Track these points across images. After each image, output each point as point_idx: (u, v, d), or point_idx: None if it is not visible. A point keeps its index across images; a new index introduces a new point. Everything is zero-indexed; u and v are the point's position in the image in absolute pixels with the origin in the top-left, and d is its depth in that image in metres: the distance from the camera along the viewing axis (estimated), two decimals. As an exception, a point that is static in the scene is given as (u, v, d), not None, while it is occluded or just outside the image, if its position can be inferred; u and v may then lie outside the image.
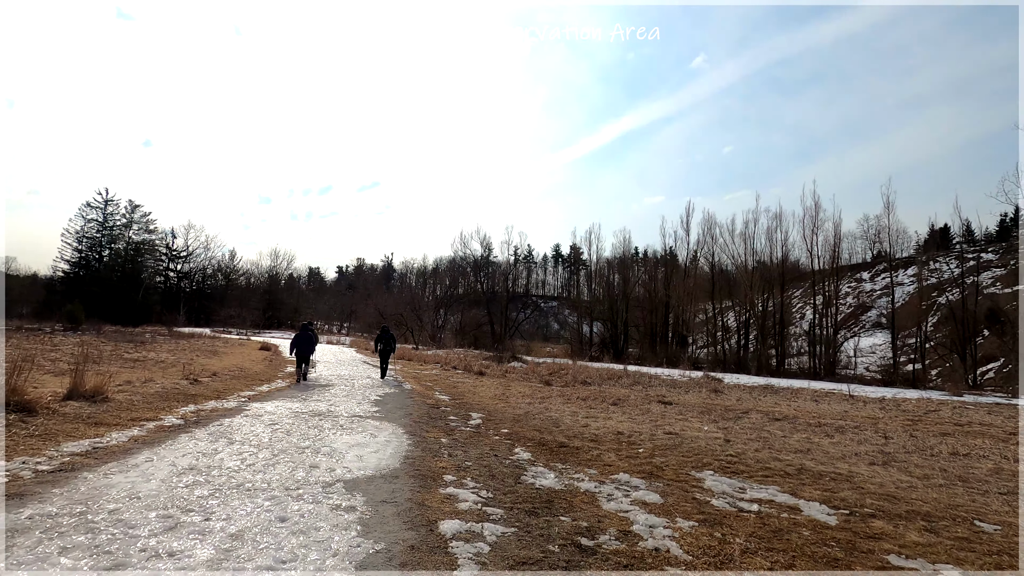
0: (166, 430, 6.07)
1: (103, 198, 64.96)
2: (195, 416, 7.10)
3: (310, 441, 5.95)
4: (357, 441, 6.11)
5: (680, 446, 7.27)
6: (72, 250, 63.13)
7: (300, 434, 6.31)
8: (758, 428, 9.64)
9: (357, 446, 5.85)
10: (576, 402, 12.25)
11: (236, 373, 13.56)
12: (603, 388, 16.97)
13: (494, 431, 7.65)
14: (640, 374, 22.54)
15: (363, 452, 5.57)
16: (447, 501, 4.05)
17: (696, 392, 17.22)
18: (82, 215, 64.10)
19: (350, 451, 5.57)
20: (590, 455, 6.34)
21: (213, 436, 5.87)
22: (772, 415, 11.68)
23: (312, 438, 6.13)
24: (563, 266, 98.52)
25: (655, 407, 12.18)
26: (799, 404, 15.03)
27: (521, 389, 14.61)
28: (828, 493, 5.10)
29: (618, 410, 11.13)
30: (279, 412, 7.89)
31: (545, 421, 8.85)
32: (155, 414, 6.90)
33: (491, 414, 9.45)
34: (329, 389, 12.01)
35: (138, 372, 11.25)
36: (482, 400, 11.68)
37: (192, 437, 5.77)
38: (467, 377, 18.25)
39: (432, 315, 50.64)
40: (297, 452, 5.37)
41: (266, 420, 7.13)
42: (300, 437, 6.14)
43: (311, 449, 5.54)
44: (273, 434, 6.20)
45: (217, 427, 6.42)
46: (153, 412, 7.01)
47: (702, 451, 6.97)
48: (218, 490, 3.91)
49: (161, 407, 7.48)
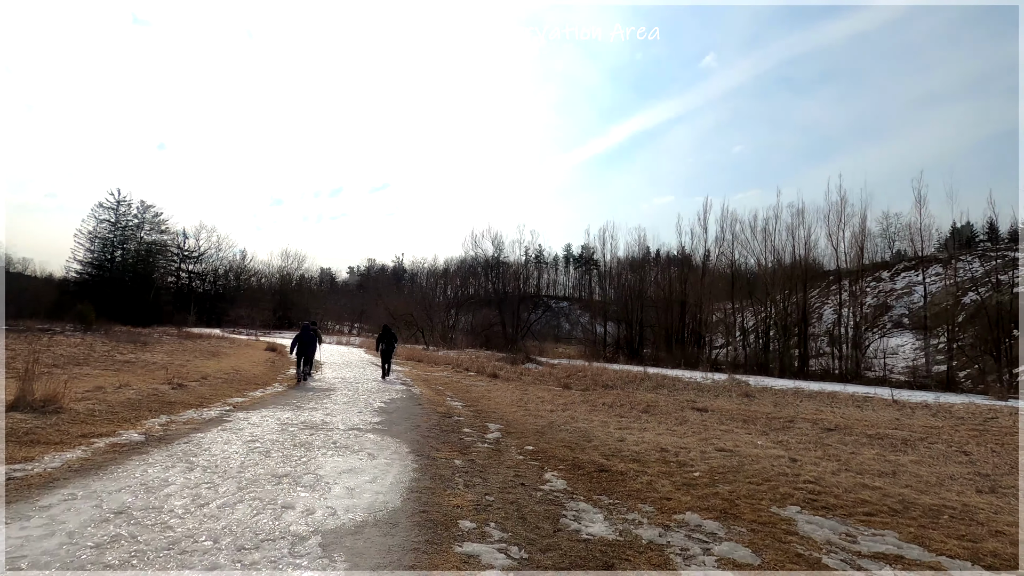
0: (117, 450, 4.94)
1: (115, 198, 64.81)
2: (162, 430, 5.98)
3: (291, 466, 4.78)
4: (350, 465, 4.94)
5: (741, 468, 6.02)
6: (85, 251, 63.05)
7: (282, 455, 5.15)
8: (816, 442, 8.34)
9: (350, 472, 4.68)
10: (603, 409, 11.02)
11: (230, 376, 12.49)
12: (627, 392, 15.70)
13: (517, 448, 6.45)
14: (661, 376, 21.18)
15: (356, 482, 4.39)
16: (466, 565, 2.87)
17: (726, 396, 15.88)
18: (95, 215, 63.96)
19: (339, 480, 4.40)
20: (639, 482, 5.12)
21: (172, 459, 4.73)
22: (821, 424, 10.37)
23: (295, 461, 4.96)
24: (575, 266, 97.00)
25: (691, 415, 10.91)
26: (842, 411, 13.67)
27: (540, 394, 13.39)
28: (967, 543, 3.83)
29: (652, 419, 9.88)
30: (264, 425, 6.75)
31: (574, 434, 7.64)
32: (114, 428, 5.79)
33: (511, 425, 8.25)
34: (329, 394, 10.90)
35: (121, 375, 10.22)
36: (499, 407, 10.49)
37: (145, 461, 4.63)
38: (481, 380, 17.07)
39: (443, 316, 49.53)
40: (271, 483, 4.20)
41: (246, 435, 5.98)
42: (281, 459, 4.98)
43: (290, 478, 4.38)
44: (248, 456, 5.04)
45: (183, 446, 5.28)
46: (113, 425, 5.90)
47: (770, 475, 5.71)
48: (139, 553, 2.74)
49: (126, 418, 6.38)
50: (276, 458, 5.01)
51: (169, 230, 69.63)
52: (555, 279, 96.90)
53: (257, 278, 76.90)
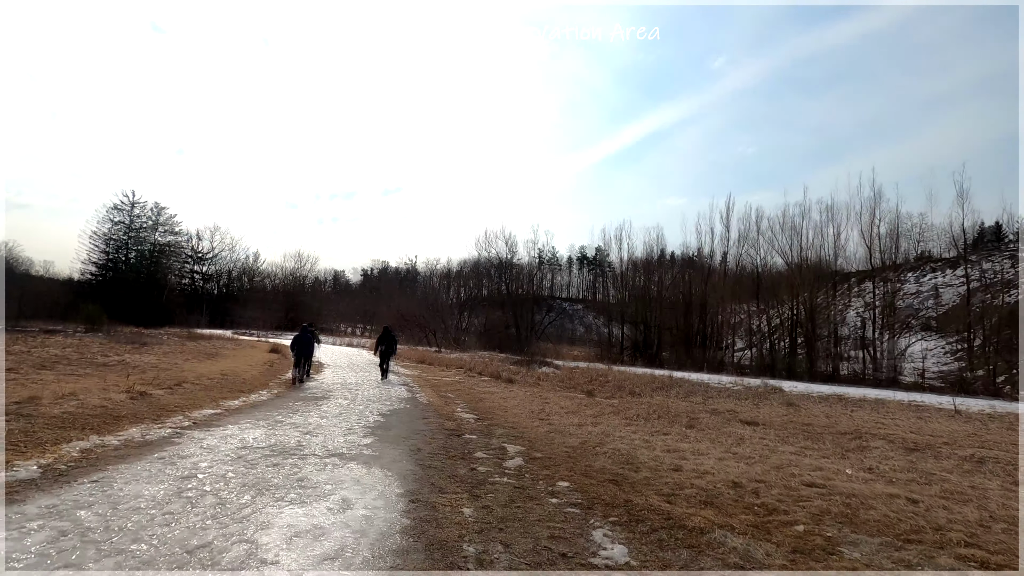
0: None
1: (129, 200, 64.47)
2: (75, 460, 4.50)
3: (221, 526, 3.23)
4: (312, 523, 3.38)
5: (854, 514, 4.39)
6: (99, 252, 62.75)
7: (215, 505, 3.60)
8: (911, 468, 6.64)
9: (307, 537, 3.13)
10: (639, 423, 9.39)
11: (216, 381, 11.06)
12: (657, 400, 14.04)
13: (546, 482, 4.88)
14: (686, 381, 19.41)
15: (310, 557, 2.85)
16: None
17: (767, 405, 14.14)
18: (109, 217, 63.69)
19: (285, 555, 2.86)
20: (727, 546, 3.53)
21: (46, 517, 3.22)
22: (896, 442, 8.67)
23: (231, 516, 3.41)
24: (587, 268, 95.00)
25: (741, 430, 9.26)
26: (903, 422, 11.92)
27: (561, 402, 11.80)
28: None
29: (701, 436, 8.24)
30: (219, 450, 5.24)
31: (615, 459, 6.04)
32: (11, 457, 4.33)
33: (534, 445, 6.68)
34: (322, 402, 9.42)
35: (79, 382, 8.82)
36: (517, 419, 8.92)
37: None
38: (494, 385, 15.50)
39: (455, 317, 48.04)
40: (171, 569, 2.67)
41: (184, 468, 4.46)
42: (210, 514, 3.43)
43: (208, 553, 2.84)
44: (166, 506, 3.51)
45: (80, 489, 3.77)
46: (11, 454, 4.44)
47: (903, 529, 4.07)
48: None
49: (40, 441, 4.92)
50: (203, 512, 3.45)
51: (182, 232, 69.26)
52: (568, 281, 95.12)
53: (269, 280, 76.24)
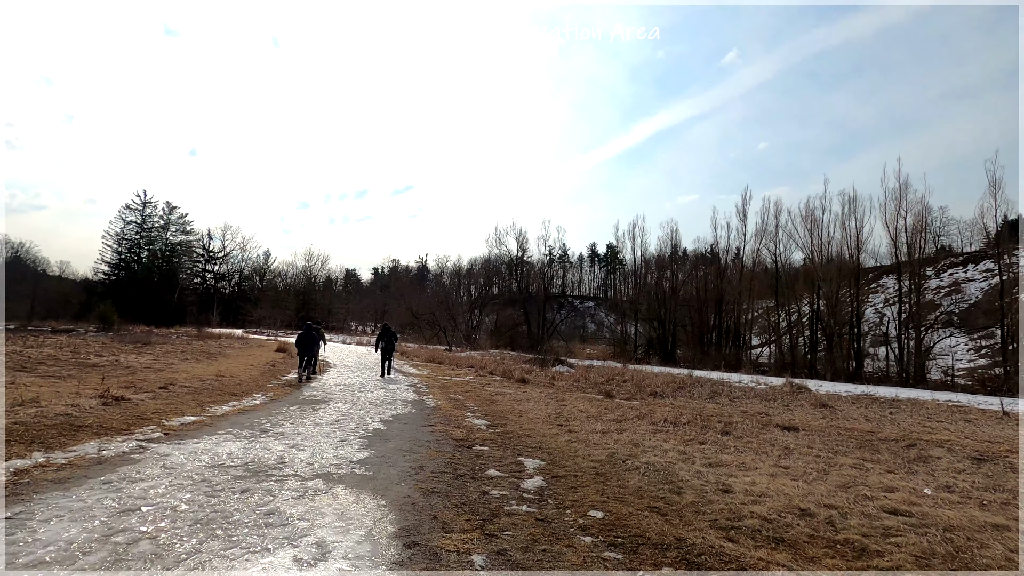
0: None
1: (142, 200, 64.58)
2: (5, 486, 3.71)
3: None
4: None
5: (970, 559, 3.46)
6: (112, 252, 62.97)
7: (146, 556, 2.74)
8: (998, 486, 5.63)
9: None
10: (668, 429, 8.45)
11: (207, 384, 10.31)
12: (682, 402, 13.08)
13: (575, 511, 3.99)
14: (706, 380, 18.37)
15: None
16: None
17: (798, 407, 13.13)
18: (122, 217, 63.88)
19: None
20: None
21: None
22: (955, 450, 7.64)
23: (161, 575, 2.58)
24: (599, 265, 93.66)
25: (783, 437, 8.29)
26: (952, 426, 10.88)
27: (581, 405, 10.88)
28: None
29: (742, 446, 7.28)
30: (183, 470, 4.42)
31: (652, 478, 5.12)
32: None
33: (555, 459, 5.78)
34: (319, 407, 8.62)
35: (56, 386, 8.10)
36: (534, 427, 8.02)
37: None
38: (507, 387, 14.63)
39: (466, 316, 47.23)
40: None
41: (126, 500, 3.62)
42: (136, 569, 2.60)
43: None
44: (75, 564, 2.69)
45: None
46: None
47: None
48: None
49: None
50: (130, 567, 2.62)
51: (194, 231, 69.29)
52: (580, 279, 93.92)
53: (281, 279, 76.15)
